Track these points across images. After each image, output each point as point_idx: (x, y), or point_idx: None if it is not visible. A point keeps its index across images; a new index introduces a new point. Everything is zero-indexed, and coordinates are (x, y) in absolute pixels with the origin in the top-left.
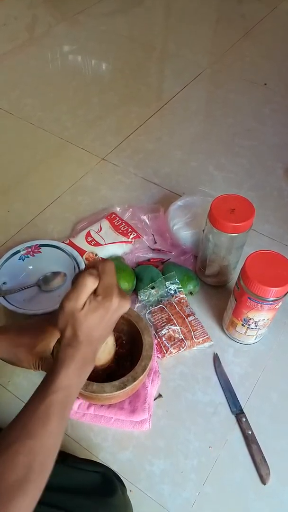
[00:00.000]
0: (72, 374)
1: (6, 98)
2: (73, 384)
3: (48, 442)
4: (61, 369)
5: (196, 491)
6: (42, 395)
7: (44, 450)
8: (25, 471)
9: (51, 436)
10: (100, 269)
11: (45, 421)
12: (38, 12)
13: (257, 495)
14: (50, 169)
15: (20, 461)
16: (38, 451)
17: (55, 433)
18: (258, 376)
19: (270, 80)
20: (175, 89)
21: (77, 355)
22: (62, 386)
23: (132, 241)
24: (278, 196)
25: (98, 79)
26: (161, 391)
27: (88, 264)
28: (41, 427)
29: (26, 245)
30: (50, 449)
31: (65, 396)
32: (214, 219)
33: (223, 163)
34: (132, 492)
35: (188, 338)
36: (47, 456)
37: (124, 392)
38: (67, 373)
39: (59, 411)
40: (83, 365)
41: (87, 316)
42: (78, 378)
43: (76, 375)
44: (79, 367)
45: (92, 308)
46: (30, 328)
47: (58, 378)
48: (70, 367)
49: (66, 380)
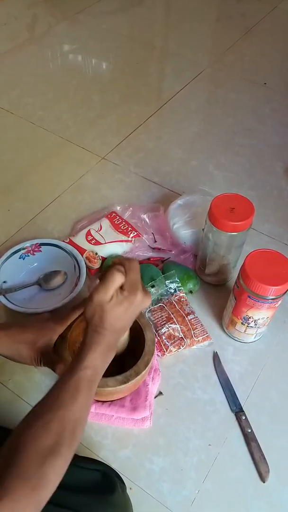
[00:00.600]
0: (98, 356)
1: (7, 97)
2: (98, 365)
3: (77, 412)
4: (88, 351)
5: (196, 489)
6: (72, 372)
7: (73, 419)
8: (57, 436)
9: (80, 408)
10: (126, 267)
11: (75, 394)
12: (38, 11)
13: (256, 493)
14: (50, 168)
15: (53, 428)
16: (68, 420)
17: (83, 406)
18: (257, 374)
19: (270, 80)
20: (175, 88)
21: (102, 341)
22: (90, 366)
23: (132, 240)
24: (278, 195)
25: (98, 78)
26: (161, 390)
27: (114, 261)
28: (71, 399)
29: (27, 244)
30: (79, 419)
31: (92, 374)
32: (214, 218)
33: (223, 162)
34: (132, 490)
35: (188, 336)
36: (76, 425)
37: (127, 386)
38: (94, 355)
39: (87, 386)
40: (107, 350)
41: (114, 308)
42: (102, 360)
43: (101, 358)
44: (103, 351)
45: (118, 301)
46: (31, 324)
47: (86, 359)
48: (97, 350)
49: (92, 361)
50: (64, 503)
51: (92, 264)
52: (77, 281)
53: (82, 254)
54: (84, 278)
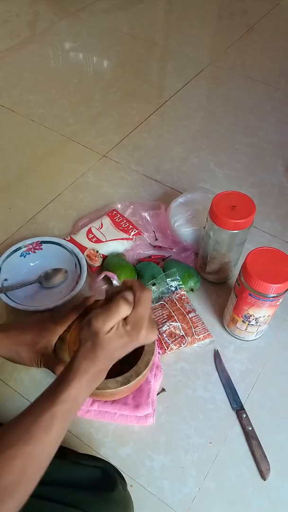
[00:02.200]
0: (83, 386)
1: (8, 95)
2: (82, 396)
3: (46, 449)
4: (74, 379)
5: (196, 487)
6: (50, 402)
7: (40, 456)
8: (19, 476)
9: (50, 444)
10: (136, 297)
11: (48, 429)
12: (39, 9)
13: (257, 490)
14: (51, 166)
15: (16, 465)
16: (35, 457)
17: (55, 442)
18: (258, 372)
19: (272, 77)
20: (177, 86)
21: (92, 369)
22: (71, 397)
23: (133, 238)
24: (279, 193)
25: (99, 76)
26: (158, 389)
27: (126, 283)
28: (43, 434)
29: (27, 242)
30: (46, 456)
31: (71, 407)
32: (215, 216)
33: (224, 160)
34: (132, 487)
35: (189, 334)
36: (42, 462)
37: (128, 387)
38: (79, 385)
39: (62, 421)
40: (95, 377)
41: (111, 340)
42: (87, 390)
43: (87, 387)
44: (91, 380)
45: (118, 334)
46: (31, 326)
47: (69, 389)
48: (83, 379)
49: (76, 391)
50: (65, 500)
51: (93, 262)
52: (78, 279)
53: (83, 252)
54: (85, 276)
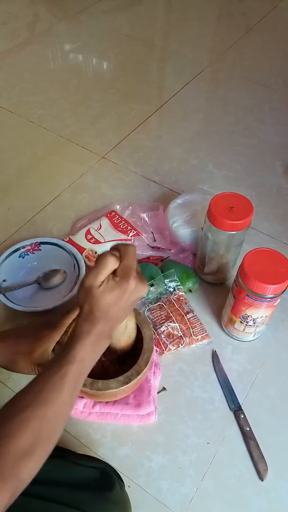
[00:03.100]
0: (87, 348)
1: (7, 96)
2: (88, 358)
3: (59, 410)
4: (77, 342)
5: (194, 487)
6: (58, 365)
7: (54, 417)
8: (34, 436)
9: (63, 405)
10: (122, 251)
11: (59, 389)
12: (39, 11)
13: (255, 491)
14: (50, 167)
15: (31, 426)
16: (49, 418)
17: (67, 403)
18: (256, 373)
19: (271, 78)
20: (176, 87)
21: (92, 331)
22: (77, 359)
23: (132, 238)
24: (277, 194)
25: (98, 77)
26: (158, 388)
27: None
28: (54, 395)
29: (26, 243)
30: (60, 418)
31: (79, 368)
32: (213, 217)
33: (222, 161)
34: (130, 487)
35: (187, 335)
36: (57, 423)
37: (129, 386)
38: (83, 347)
39: (72, 381)
40: (98, 340)
41: (104, 294)
42: (92, 352)
43: (91, 350)
44: (94, 342)
45: (109, 287)
46: (27, 334)
47: (74, 351)
48: (86, 341)
49: (81, 353)
50: (63, 500)
51: (92, 263)
52: (76, 280)
53: (82, 253)
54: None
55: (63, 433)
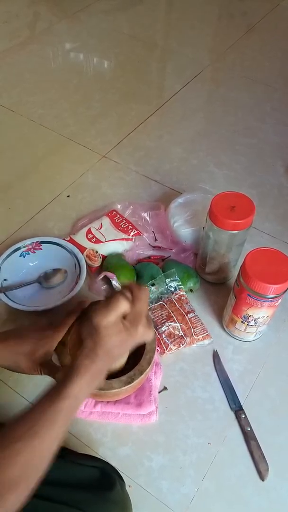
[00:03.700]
0: (84, 384)
1: (7, 95)
2: (82, 394)
3: (49, 444)
4: (75, 377)
5: (195, 487)
6: (53, 399)
7: (44, 451)
8: (22, 469)
9: (53, 440)
10: (134, 295)
11: (52, 424)
12: (39, 10)
13: (255, 491)
14: (51, 166)
15: (20, 459)
16: (38, 451)
17: (57, 438)
18: (257, 373)
19: (271, 78)
20: (176, 87)
21: (92, 367)
22: (73, 394)
23: (133, 238)
24: (279, 193)
25: (99, 77)
26: (159, 388)
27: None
28: (46, 430)
29: (27, 242)
30: (49, 452)
31: (73, 404)
32: (214, 216)
33: (223, 161)
34: (131, 487)
35: (188, 335)
36: (45, 457)
37: (132, 386)
38: (80, 382)
39: (65, 417)
40: (95, 376)
41: (110, 336)
42: (87, 388)
43: (87, 386)
44: (91, 379)
45: (117, 330)
46: (29, 334)
47: (71, 386)
48: (84, 377)
49: (77, 389)
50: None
51: (93, 262)
52: (77, 279)
53: (83, 252)
54: (85, 276)
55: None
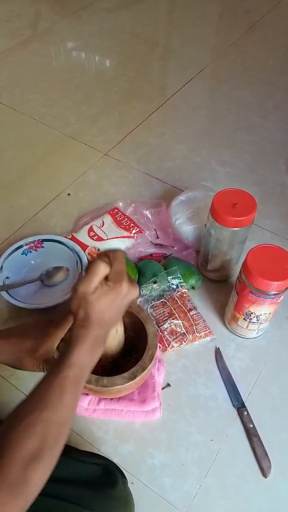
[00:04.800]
0: (84, 352)
1: (10, 94)
2: (86, 362)
3: (63, 414)
4: (74, 347)
5: (197, 484)
6: (57, 370)
7: (59, 421)
8: (40, 440)
9: (65, 409)
10: (111, 257)
11: (60, 394)
12: (41, 8)
13: (258, 488)
14: (53, 164)
15: (36, 431)
16: (53, 421)
17: (69, 406)
18: (259, 370)
19: (273, 76)
20: (178, 85)
21: (89, 335)
22: (76, 363)
23: (135, 236)
24: (281, 191)
25: (101, 75)
26: (162, 384)
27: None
28: (56, 399)
29: (29, 240)
30: (64, 421)
31: (78, 372)
32: (216, 213)
33: (225, 159)
34: (133, 484)
35: (190, 332)
36: (61, 427)
37: (135, 382)
38: (80, 351)
39: (73, 385)
40: (94, 345)
41: (99, 299)
42: (90, 356)
43: (88, 354)
44: (91, 347)
45: (103, 292)
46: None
47: (72, 355)
48: (83, 346)
49: (79, 358)
50: (65, 497)
51: None
52: (79, 277)
53: (85, 250)
54: None
55: None
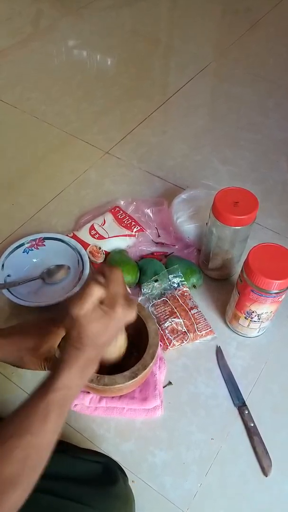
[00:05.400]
0: (74, 374)
1: (11, 92)
2: (74, 385)
3: (45, 438)
4: (64, 369)
5: (198, 483)
6: (43, 392)
7: (40, 446)
8: (20, 465)
9: (48, 433)
10: (108, 277)
11: (44, 418)
12: (42, 6)
13: (258, 487)
14: (54, 162)
15: (16, 455)
16: (34, 446)
17: (52, 431)
18: (260, 369)
19: (275, 74)
20: (180, 83)
21: (80, 357)
22: (63, 386)
23: (136, 234)
24: (282, 189)
25: (102, 73)
26: (164, 383)
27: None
28: (39, 423)
29: (30, 238)
30: (46, 446)
31: (65, 396)
32: (217, 212)
33: (227, 157)
34: (134, 482)
35: (191, 331)
36: (42, 452)
37: (136, 381)
38: (69, 374)
39: (58, 409)
40: (85, 367)
41: (91, 323)
42: (79, 379)
43: (78, 376)
44: (81, 369)
45: (96, 317)
46: (33, 330)
47: (60, 378)
48: (73, 368)
49: (67, 380)
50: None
51: (96, 259)
52: (80, 276)
53: (86, 249)
54: (88, 273)
55: (67, 428)
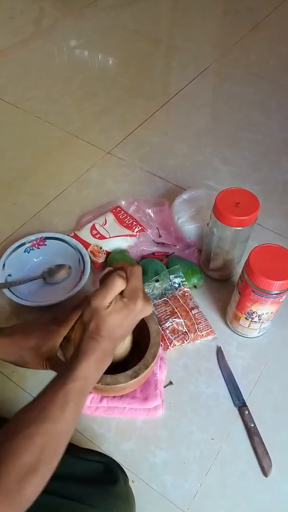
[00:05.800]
0: (91, 365)
1: (12, 92)
2: (91, 375)
3: (63, 427)
4: (82, 359)
5: (198, 482)
6: (62, 381)
7: (59, 434)
8: (39, 452)
9: (67, 422)
10: (128, 272)
11: (63, 406)
12: (44, 6)
13: (259, 487)
14: (55, 162)
15: (36, 442)
16: (53, 434)
17: (71, 419)
18: (261, 369)
19: (277, 74)
20: (181, 83)
21: (98, 348)
22: (82, 376)
23: (137, 234)
24: (283, 190)
25: (103, 73)
26: (165, 382)
27: (117, 264)
28: (58, 412)
29: (31, 238)
30: (64, 434)
31: (83, 385)
32: (218, 212)
33: (228, 157)
34: (134, 482)
35: (192, 331)
36: (60, 440)
37: (137, 380)
38: (88, 364)
39: (76, 398)
40: (102, 358)
41: (112, 315)
42: (96, 370)
43: (95, 367)
44: (98, 360)
45: (117, 308)
46: (35, 329)
47: (79, 368)
48: (91, 359)
49: (85, 371)
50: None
51: (97, 258)
52: (81, 275)
53: (87, 248)
54: (89, 272)
55: None
